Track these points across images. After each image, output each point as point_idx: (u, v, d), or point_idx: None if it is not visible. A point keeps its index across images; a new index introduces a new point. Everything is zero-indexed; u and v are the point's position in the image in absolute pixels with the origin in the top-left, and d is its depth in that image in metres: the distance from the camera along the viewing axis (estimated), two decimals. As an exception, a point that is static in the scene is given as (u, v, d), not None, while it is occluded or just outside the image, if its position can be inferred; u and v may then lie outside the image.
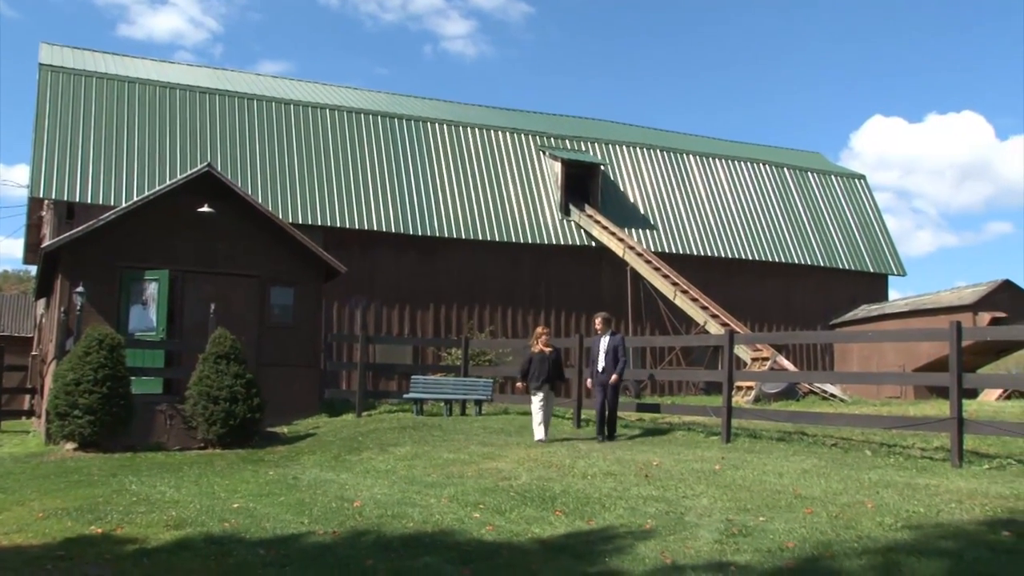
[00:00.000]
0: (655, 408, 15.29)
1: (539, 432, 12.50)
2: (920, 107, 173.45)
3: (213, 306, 16.62)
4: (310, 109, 27.56)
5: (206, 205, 17.56)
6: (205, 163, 18.80)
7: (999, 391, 23.88)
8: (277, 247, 18.52)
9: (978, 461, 9.64)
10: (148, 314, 17.34)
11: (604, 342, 12.89)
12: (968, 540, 5.89)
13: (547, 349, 13.16)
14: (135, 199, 19.36)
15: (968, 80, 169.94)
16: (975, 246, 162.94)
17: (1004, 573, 5.11)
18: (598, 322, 13.36)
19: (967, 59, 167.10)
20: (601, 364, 12.85)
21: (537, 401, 12.74)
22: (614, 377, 12.68)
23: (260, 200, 22.35)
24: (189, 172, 18.54)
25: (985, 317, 25.98)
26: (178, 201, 17.54)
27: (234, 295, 17.78)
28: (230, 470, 11.01)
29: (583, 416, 14.57)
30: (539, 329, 13.75)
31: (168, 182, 19.47)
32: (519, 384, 13.62)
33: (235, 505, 8.24)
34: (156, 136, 24.93)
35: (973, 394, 22.33)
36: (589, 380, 13.22)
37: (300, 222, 24.34)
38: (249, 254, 18.20)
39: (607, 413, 12.75)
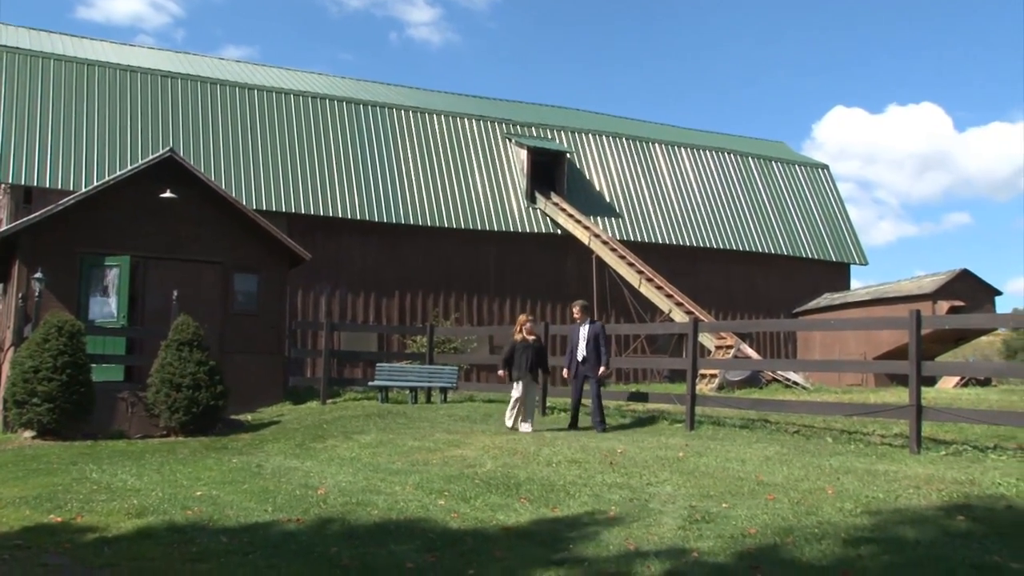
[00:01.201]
0: (621, 396, 15.37)
1: (509, 420, 12.36)
2: (881, 98, 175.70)
3: (176, 293, 16.44)
4: (274, 95, 27.26)
5: (168, 191, 17.33)
6: (167, 148, 18.54)
7: (957, 378, 24.32)
8: (241, 234, 18.34)
9: (935, 447, 9.81)
10: (109, 301, 17.11)
11: (584, 331, 12.62)
12: (925, 525, 6.00)
13: (530, 337, 12.77)
14: (95, 184, 19.05)
15: (927, 72, 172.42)
16: (934, 236, 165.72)
17: (958, 556, 5.21)
18: (576, 310, 13.04)
19: (927, 51, 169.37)
20: (581, 353, 12.55)
21: (517, 390, 12.40)
22: (603, 370, 12.44)
23: (224, 186, 22.11)
24: (151, 157, 18.27)
25: (944, 306, 26.41)
26: (140, 186, 17.30)
27: (197, 282, 17.60)
28: (193, 458, 10.91)
29: (549, 404, 14.64)
30: (522, 317, 13.22)
31: (129, 167, 19.17)
32: (500, 372, 13.06)
33: (198, 493, 8.17)
34: (117, 120, 24.52)
35: (932, 381, 22.72)
36: (566, 370, 12.86)
37: (264, 208, 24.11)
38: (212, 240, 18.01)
39: (591, 401, 12.42)
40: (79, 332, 13.81)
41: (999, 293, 28.14)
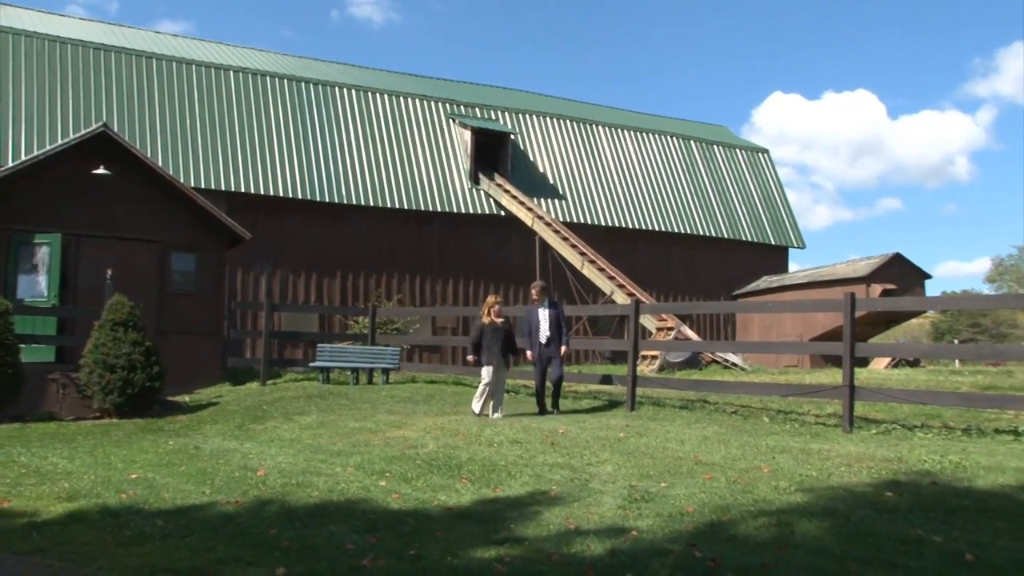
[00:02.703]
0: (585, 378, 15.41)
1: (478, 406, 11.80)
2: (818, 85, 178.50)
3: (110, 272, 16.05)
4: (212, 70, 26.69)
5: (102, 167, 16.89)
6: (100, 123, 18.05)
7: (888, 359, 24.98)
8: (178, 212, 17.98)
9: (867, 426, 10.06)
10: (38, 279, 16.64)
11: (544, 312, 12.37)
12: (855, 501, 6.15)
13: (499, 320, 12.22)
14: (23, 159, 18.46)
15: (862, 60, 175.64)
16: (868, 220, 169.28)
17: (886, 531, 5.36)
18: (535, 291, 12.73)
19: (861, 39, 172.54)
20: (545, 335, 12.27)
21: (487, 376, 11.87)
22: (564, 349, 12.29)
23: (161, 163, 21.65)
24: (83, 132, 17.79)
25: (877, 289, 27.05)
26: (71, 162, 16.82)
27: (133, 261, 17.22)
28: (128, 440, 10.71)
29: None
30: (491, 299, 12.58)
31: (60, 142, 18.63)
32: (470, 358, 12.49)
33: (133, 476, 8.02)
34: (46, 93, 23.73)
35: (864, 362, 23.28)
36: (530, 352, 12.49)
37: (203, 187, 23.65)
38: (148, 219, 17.62)
39: (554, 386, 12.24)
40: (6, 312, 13.42)
41: (929, 277, 28.92)
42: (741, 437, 9.29)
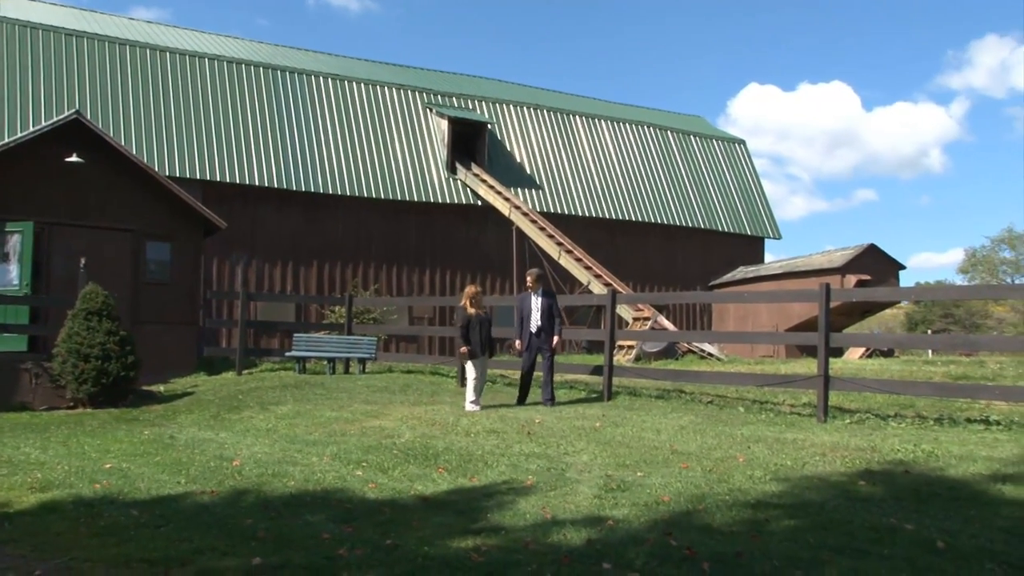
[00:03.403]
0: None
1: (473, 395, 11.45)
2: (793, 76, 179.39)
3: (83, 261, 15.88)
4: (187, 58, 26.42)
5: (75, 155, 16.70)
6: (73, 110, 17.82)
7: (862, 349, 25.22)
8: (153, 200, 17.81)
9: (841, 416, 10.15)
10: (10, 268, 16.43)
11: (538, 301, 12.08)
12: (829, 491, 6.21)
13: (481, 311, 11.98)
14: (-4, 146, 18.21)
15: (837, 51, 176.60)
16: (844, 211, 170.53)
17: (858, 519, 5.41)
18: (530, 279, 12.29)
19: (836, 30, 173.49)
20: (536, 324, 12.01)
21: (475, 367, 11.64)
22: (556, 340, 12.02)
23: (135, 152, 21.44)
24: (55, 119, 17.55)
25: (852, 279, 27.29)
26: (44, 150, 16.60)
27: (107, 250, 17.04)
28: (102, 430, 10.62)
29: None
30: (473, 289, 12.22)
31: (32, 129, 18.39)
32: (464, 350, 11.81)
33: (107, 466, 7.96)
34: (17, 79, 23.39)
35: (839, 353, 23.50)
36: (518, 341, 12.24)
37: (178, 175, 23.45)
38: (123, 207, 17.44)
39: (544, 374, 11.94)
40: (-21, 301, 13.26)
41: (903, 267, 29.22)
42: (717, 427, 9.35)
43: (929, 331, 55.60)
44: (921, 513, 5.57)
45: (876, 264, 28.32)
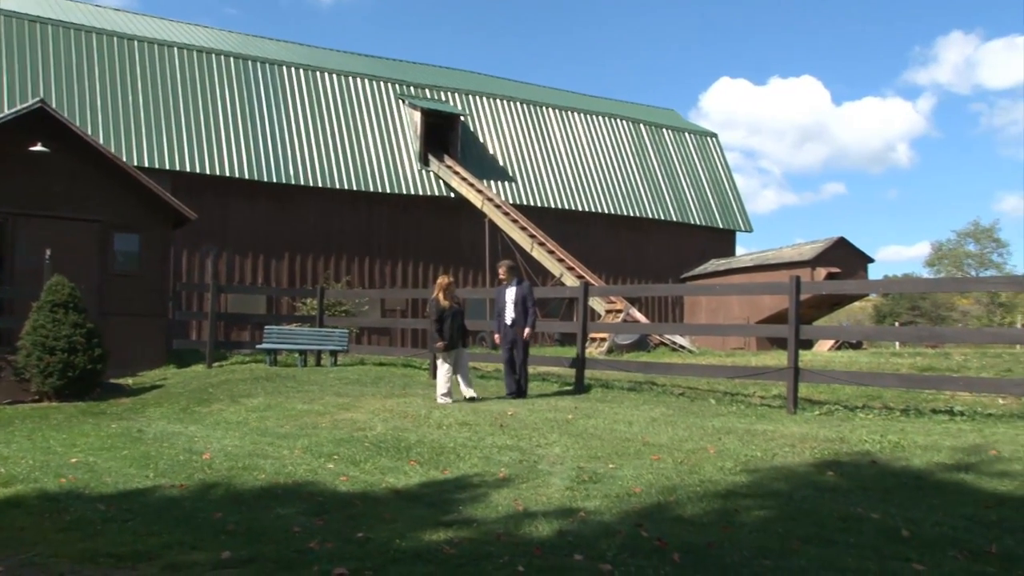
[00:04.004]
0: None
1: (445, 388, 11.35)
2: (764, 70, 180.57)
3: (49, 252, 15.68)
4: (156, 46, 26.11)
5: (39, 144, 16.45)
6: (37, 99, 17.54)
7: (831, 342, 25.44)
8: (120, 191, 17.59)
9: (811, 407, 10.25)
10: (-26, 259, 16.20)
11: (511, 293, 11.97)
12: (798, 481, 6.27)
13: (454, 303, 11.82)
14: (-41, 135, 17.89)
15: (807, 46, 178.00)
16: (814, 205, 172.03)
17: (826, 509, 5.47)
18: (502, 270, 12.24)
19: (806, 25, 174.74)
20: (510, 316, 11.91)
21: (449, 361, 11.49)
22: (527, 331, 11.81)
23: (102, 141, 21.17)
24: (19, 107, 17.26)
25: (822, 272, 27.53)
26: (8, 139, 16.34)
27: (73, 241, 16.83)
28: (68, 424, 10.50)
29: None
30: (445, 279, 11.96)
31: (-3, 118, 18.08)
32: (440, 344, 11.59)
33: (73, 460, 7.87)
34: (-17, 68, 23.04)
35: (809, 345, 23.69)
36: (497, 335, 12.22)
37: (147, 166, 23.21)
38: (89, 198, 17.22)
39: (518, 366, 11.81)
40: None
41: (871, 260, 29.55)
42: (688, 418, 9.40)
43: (897, 323, 56.21)
44: (887, 502, 5.63)
45: (845, 257, 28.59)
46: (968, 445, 7.37)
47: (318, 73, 28.69)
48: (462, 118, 30.18)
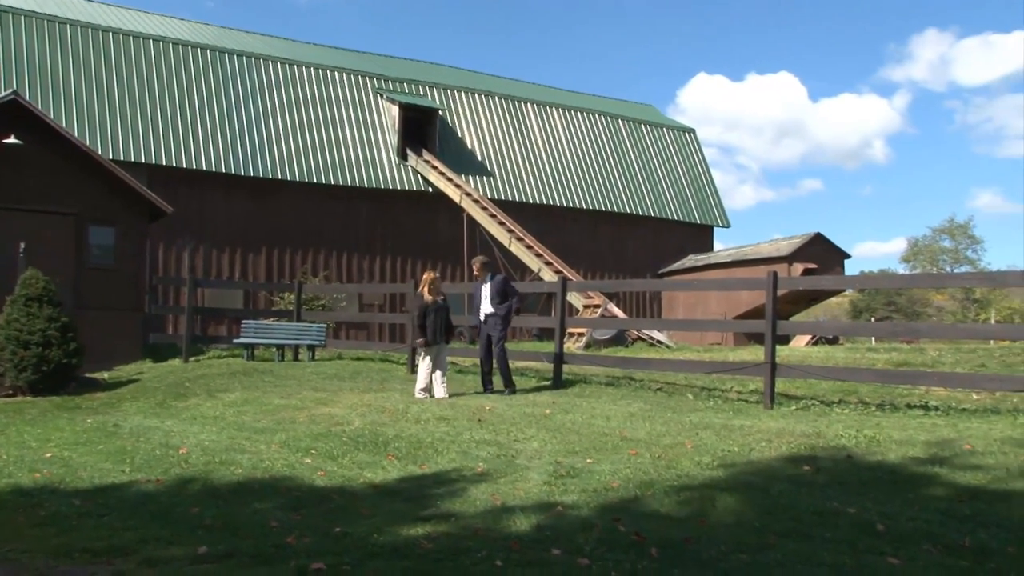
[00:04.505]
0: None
1: (424, 383, 11.18)
2: (741, 66, 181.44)
3: (23, 245, 15.52)
4: (131, 39, 25.85)
5: (12, 136, 16.25)
6: (11, 90, 17.31)
7: (808, 337, 25.65)
8: (96, 184, 17.41)
9: (787, 402, 10.31)
10: (-53, 253, 15.99)
11: (486, 288, 11.87)
12: (774, 475, 6.31)
13: (439, 297, 11.63)
14: (-69, 127, 17.64)
15: (784, 42, 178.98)
16: (791, 201, 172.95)
17: (803, 504, 5.51)
18: (476, 266, 12.18)
19: (783, 21, 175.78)
20: (485, 312, 11.80)
21: (430, 357, 11.28)
22: (498, 334, 11.60)
23: (77, 134, 20.93)
24: (-7, 99, 17.04)
25: (799, 268, 27.70)
26: (-20, 131, 16.15)
27: (48, 234, 16.65)
28: (43, 418, 10.40)
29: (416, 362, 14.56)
30: (432, 275, 11.85)
31: (-30, 109, 17.83)
32: (420, 341, 11.40)
33: (48, 455, 7.80)
34: (-45, 58, 22.73)
35: (786, 340, 23.87)
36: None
37: (123, 159, 22.98)
38: (64, 191, 17.03)
39: (496, 362, 11.70)
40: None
41: (848, 256, 29.77)
42: (666, 413, 9.44)
43: (872, 319, 56.74)
44: (863, 496, 5.69)
45: (822, 253, 28.80)
46: (942, 439, 7.45)
47: (296, 67, 28.52)
48: (441, 113, 30.10)
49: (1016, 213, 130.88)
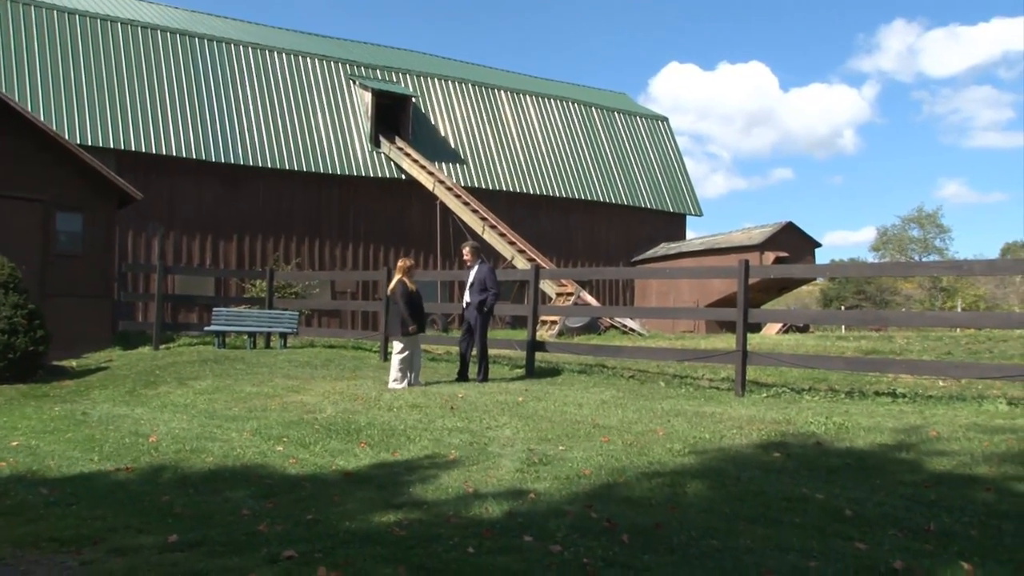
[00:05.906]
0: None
1: (400, 383, 10.93)
2: (713, 55, 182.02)
3: (-11, 231, 15.28)
4: (99, 21, 25.47)
5: (-21, 120, 15.99)
6: (-23, 74, 17.05)
7: (779, 325, 25.84)
8: (63, 170, 17.16)
9: (758, 390, 10.40)
10: (-89, 238, 15.72)
11: (470, 275, 11.80)
12: (745, 462, 6.37)
13: (414, 285, 11.46)
14: None
15: (755, 32, 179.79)
16: (762, 189, 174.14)
17: (772, 490, 5.56)
18: (466, 251, 12.06)
19: (755, 11, 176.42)
20: (467, 299, 11.78)
21: (403, 347, 11.09)
22: (475, 329, 11.50)
23: (44, 119, 20.65)
24: (-42, 83, 16.76)
25: (770, 256, 27.91)
26: (-55, 114, 15.87)
27: (13, 220, 16.40)
28: (9, 407, 10.28)
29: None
30: (408, 262, 11.59)
31: (-67, 93, 17.52)
32: (412, 328, 11.08)
33: (14, 443, 7.71)
34: (-82, 40, 22.30)
35: (757, 328, 24.03)
36: None
37: (91, 144, 22.68)
38: (30, 177, 16.76)
39: (474, 351, 11.62)
40: None
41: (819, 245, 30.03)
42: (638, 401, 9.49)
43: (843, 307, 57.28)
44: (831, 483, 5.75)
45: (793, 241, 29.02)
46: (909, 426, 7.55)
47: (268, 52, 28.25)
48: (414, 100, 29.95)
49: (982, 203, 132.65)
